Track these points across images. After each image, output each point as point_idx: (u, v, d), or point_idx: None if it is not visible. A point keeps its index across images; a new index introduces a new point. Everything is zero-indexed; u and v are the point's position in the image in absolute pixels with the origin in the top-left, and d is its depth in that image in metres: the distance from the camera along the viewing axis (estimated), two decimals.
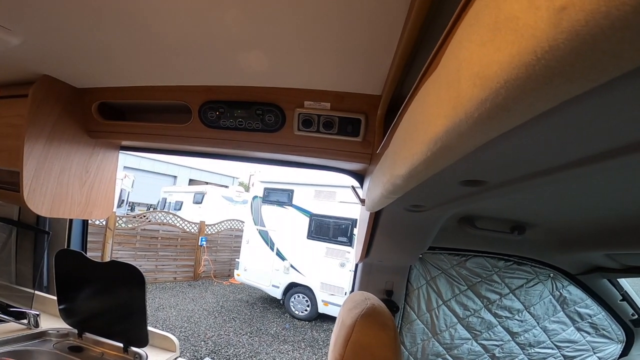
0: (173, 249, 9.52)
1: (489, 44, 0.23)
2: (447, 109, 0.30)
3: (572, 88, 0.19)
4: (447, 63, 0.32)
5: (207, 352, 5.97)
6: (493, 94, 0.22)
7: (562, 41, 0.17)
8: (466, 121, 0.27)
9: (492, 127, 0.26)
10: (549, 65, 0.18)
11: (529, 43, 0.19)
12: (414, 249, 1.28)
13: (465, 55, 0.27)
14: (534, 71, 0.19)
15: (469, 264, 1.60)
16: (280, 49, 0.88)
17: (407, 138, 0.47)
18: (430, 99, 0.36)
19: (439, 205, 0.80)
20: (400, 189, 0.57)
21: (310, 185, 7.48)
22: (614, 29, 0.15)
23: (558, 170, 0.46)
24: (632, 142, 0.35)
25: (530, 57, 0.19)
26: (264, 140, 1.15)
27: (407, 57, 0.69)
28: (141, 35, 0.89)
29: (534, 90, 0.20)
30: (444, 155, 0.35)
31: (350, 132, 1.07)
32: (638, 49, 0.15)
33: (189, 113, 1.18)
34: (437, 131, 0.32)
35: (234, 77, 1.09)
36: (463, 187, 0.59)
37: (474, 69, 0.25)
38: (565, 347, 1.74)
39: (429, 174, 0.44)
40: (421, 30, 0.60)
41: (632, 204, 0.75)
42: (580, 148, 0.38)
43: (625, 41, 0.15)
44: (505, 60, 0.21)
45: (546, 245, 1.37)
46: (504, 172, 0.50)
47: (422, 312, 1.64)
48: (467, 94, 0.26)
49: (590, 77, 0.18)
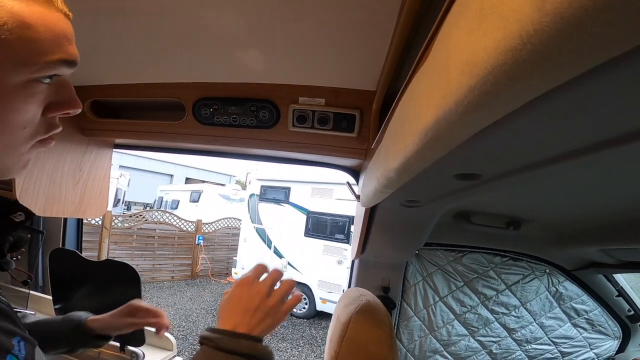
0: (170, 247, 9.51)
1: (476, 30, 0.22)
2: (437, 98, 0.30)
3: (561, 74, 0.19)
4: (436, 53, 0.32)
5: None
6: (481, 80, 0.22)
7: (546, 24, 0.16)
8: (456, 110, 0.26)
9: (482, 115, 0.26)
10: (536, 50, 0.18)
11: (514, 27, 0.18)
12: (410, 245, 1.28)
13: (454, 43, 0.27)
14: (521, 56, 0.18)
15: (465, 259, 1.60)
16: (274, 45, 0.87)
17: (399, 131, 0.46)
18: (421, 90, 0.36)
19: (434, 200, 0.79)
20: (394, 183, 0.57)
21: (307, 183, 7.48)
22: (598, 11, 0.14)
23: (552, 162, 0.46)
24: (625, 133, 0.35)
25: (516, 42, 0.18)
26: (259, 137, 1.14)
27: (401, 51, 0.69)
28: (134, 33, 0.88)
29: (522, 76, 0.20)
30: (435, 146, 0.34)
31: (345, 127, 1.06)
32: (625, 32, 0.15)
33: (183, 110, 1.18)
34: (428, 121, 0.32)
35: (228, 74, 1.08)
36: (458, 181, 0.59)
37: (462, 56, 0.24)
38: (562, 343, 1.75)
39: (422, 166, 0.43)
40: (414, 23, 0.60)
41: (625, 198, 0.75)
42: (573, 139, 0.38)
43: (610, 23, 0.15)
44: (492, 46, 0.20)
45: (542, 240, 1.37)
46: (497, 164, 0.50)
47: (419, 308, 1.64)
48: (456, 82, 0.25)
49: (579, 62, 0.18)
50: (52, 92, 0.52)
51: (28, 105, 0.48)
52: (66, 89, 0.54)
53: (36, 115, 0.51)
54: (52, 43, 0.47)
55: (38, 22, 0.45)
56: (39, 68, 0.46)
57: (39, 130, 0.53)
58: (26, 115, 0.49)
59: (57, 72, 0.50)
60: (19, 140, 0.50)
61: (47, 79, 0.49)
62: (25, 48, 0.45)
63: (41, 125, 0.53)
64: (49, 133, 0.56)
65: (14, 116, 0.47)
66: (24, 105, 0.48)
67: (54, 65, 0.48)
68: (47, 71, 0.48)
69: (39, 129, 0.53)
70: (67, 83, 0.55)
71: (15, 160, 0.53)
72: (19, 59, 0.45)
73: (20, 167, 0.54)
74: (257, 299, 0.71)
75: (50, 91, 0.52)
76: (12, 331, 0.52)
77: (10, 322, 0.55)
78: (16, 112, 0.47)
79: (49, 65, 0.47)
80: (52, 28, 0.47)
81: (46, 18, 0.46)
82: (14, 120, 0.48)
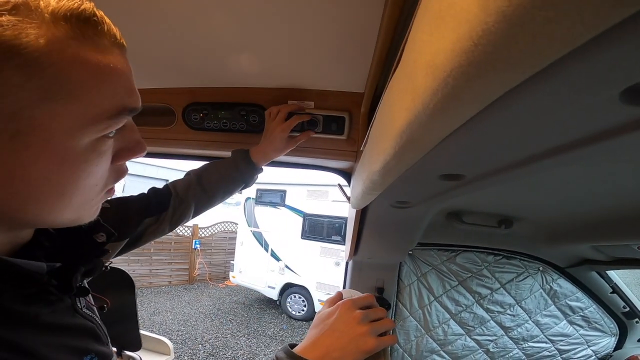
0: (167, 252, 9.48)
1: (436, 32, 0.23)
2: (407, 101, 0.30)
3: (516, 74, 0.19)
4: (407, 55, 0.32)
5: (205, 355, 5.95)
6: (442, 83, 0.22)
7: (492, 24, 0.16)
8: (424, 112, 0.26)
9: (450, 117, 0.26)
10: (486, 51, 0.18)
11: (465, 29, 0.18)
12: (403, 246, 1.28)
13: (419, 46, 0.27)
14: (474, 57, 0.18)
15: (458, 259, 1.61)
16: (262, 49, 0.87)
17: (379, 133, 0.47)
18: (395, 93, 0.36)
19: (423, 200, 0.80)
20: (379, 185, 0.57)
21: (303, 185, 7.48)
22: (536, 8, 0.14)
23: (533, 160, 0.46)
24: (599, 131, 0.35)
25: (468, 44, 0.18)
26: (249, 141, 1.14)
27: (386, 53, 0.69)
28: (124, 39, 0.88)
29: (478, 78, 0.20)
30: (411, 148, 0.34)
31: (335, 130, 1.07)
32: (568, 29, 0.15)
33: (172, 115, 1.18)
34: (402, 124, 0.32)
35: (217, 79, 1.09)
36: (443, 182, 0.59)
37: (426, 58, 0.25)
38: (559, 340, 1.75)
39: (402, 168, 0.43)
40: (397, 24, 0.60)
41: (612, 195, 0.76)
42: (552, 137, 0.38)
43: (551, 21, 0.15)
44: (449, 48, 0.20)
45: (534, 238, 1.37)
46: (479, 164, 0.50)
47: (415, 308, 1.64)
48: (422, 84, 0.25)
49: (530, 62, 0.18)
50: (118, 139, 0.48)
51: (100, 165, 0.45)
52: (132, 133, 0.51)
53: (106, 169, 0.47)
54: (111, 93, 0.42)
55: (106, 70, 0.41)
56: (106, 125, 0.42)
57: (109, 181, 0.50)
58: (98, 174, 0.45)
59: (124, 122, 0.45)
60: (92, 196, 0.47)
61: (113, 132, 0.44)
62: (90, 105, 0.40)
63: (110, 175, 0.50)
64: (119, 180, 0.53)
65: (86, 180, 0.44)
66: (94, 167, 0.44)
67: (120, 116, 0.43)
68: (115, 125, 0.43)
69: (109, 180, 0.50)
70: (133, 127, 0.51)
71: (88, 212, 0.50)
72: (85, 117, 0.40)
73: (92, 215, 0.51)
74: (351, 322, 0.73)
75: (118, 140, 0.48)
76: (86, 349, 0.52)
77: (91, 339, 0.55)
78: (88, 174, 0.43)
79: (113, 117, 0.42)
80: (108, 76, 0.42)
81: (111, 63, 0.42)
82: (86, 184, 0.44)
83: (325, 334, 0.71)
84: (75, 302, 0.55)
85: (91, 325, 0.56)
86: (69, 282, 0.51)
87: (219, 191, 1.07)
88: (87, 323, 0.55)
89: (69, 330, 0.51)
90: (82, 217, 0.49)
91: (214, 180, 1.06)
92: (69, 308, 0.54)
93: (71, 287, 0.51)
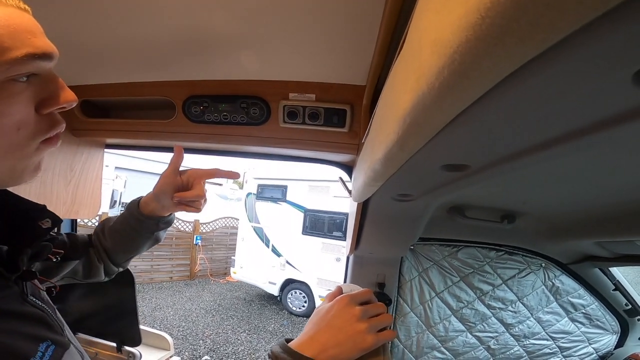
0: (168, 248, 9.50)
1: (442, 8, 0.22)
2: (411, 81, 0.29)
3: (526, 49, 0.18)
4: (411, 36, 0.31)
5: (205, 351, 5.97)
6: (449, 60, 0.21)
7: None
8: (429, 93, 0.26)
9: (455, 98, 0.25)
10: (495, 24, 0.17)
11: (473, 1, 0.17)
12: (404, 240, 1.27)
13: (425, 24, 0.26)
14: (482, 31, 0.18)
15: (460, 254, 1.59)
16: (263, 42, 0.87)
17: (382, 120, 0.46)
18: (398, 76, 0.35)
19: (425, 193, 0.79)
20: (381, 175, 0.56)
21: (304, 181, 7.47)
22: None
23: (541, 149, 0.45)
24: (609, 116, 0.34)
25: (475, 17, 0.17)
26: (250, 134, 1.13)
27: (388, 44, 0.68)
28: (124, 32, 0.88)
29: (486, 53, 0.19)
30: (414, 133, 0.33)
31: (336, 122, 1.06)
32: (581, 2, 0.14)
33: (173, 108, 1.17)
34: (406, 107, 0.31)
35: (218, 71, 1.08)
36: (446, 173, 0.58)
37: (432, 36, 0.24)
38: (560, 338, 1.74)
39: (405, 156, 0.42)
40: (399, 15, 0.59)
41: (616, 190, 0.75)
42: (561, 123, 0.37)
43: None
44: (455, 23, 0.19)
45: (536, 234, 1.36)
46: (485, 153, 0.49)
47: (416, 304, 1.64)
48: (427, 62, 0.25)
49: (540, 36, 0.17)
50: (39, 89, 0.51)
51: (12, 106, 0.47)
52: (52, 83, 0.53)
53: (28, 114, 0.50)
54: (11, 39, 0.45)
55: None
56: (7, 67, 0.45)
57: (40, 129, 0.53)
58: (15, 116, 0.48)
59: (31, 69, 0.48)
60: (19, 142, 0.50)
61: (24, 77, 0.48)
62: None
63: (40, 124, 0.52)
64: (53, 131, 0.55)
65: (1, 120, 0.47)
66: (7, 108, 0.47)
67: (23, 61, 0.46)
68: (18, 69, 0.46)
69: (38, 128, 0.52)
70: (53, 77, 0.54)
71: (23, 164, 0.52)
72: None
73: (31, 170, 0.54)
74: (349, 318, 0.72)
75: (36, 88, 0.51)
76: (40, 336, 0.52)
77: (43, 327, 0.55)
78: (2, 115, 0.46)
79: (16, 62, 0.45)
80: (6, 25, 0.45)
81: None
82: (3, 124, 0.47)
83: (322, 329, 0.71)
84: (23, 289, 0.56)
85: (41, 314, 0.56)
86: (16, 263, 0.53)
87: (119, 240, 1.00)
88: (37, 311, 0.56)
89: (19, 317, 0.52)
90: (16, 168, 0.52)
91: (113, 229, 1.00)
92: (18, 296, 0.55)
93: (17, 267, 0.53)
